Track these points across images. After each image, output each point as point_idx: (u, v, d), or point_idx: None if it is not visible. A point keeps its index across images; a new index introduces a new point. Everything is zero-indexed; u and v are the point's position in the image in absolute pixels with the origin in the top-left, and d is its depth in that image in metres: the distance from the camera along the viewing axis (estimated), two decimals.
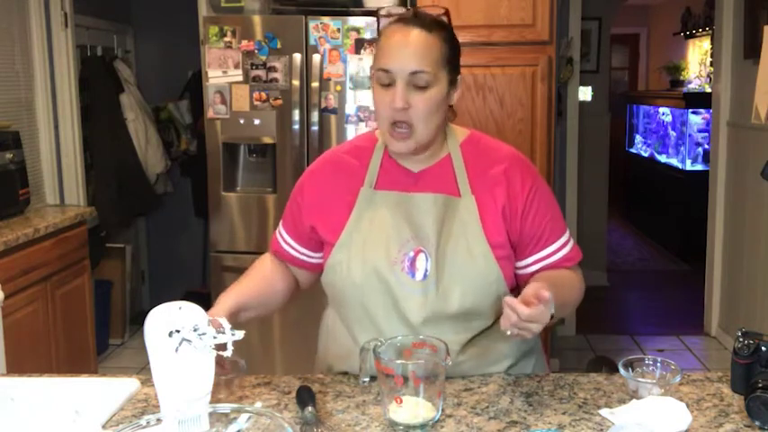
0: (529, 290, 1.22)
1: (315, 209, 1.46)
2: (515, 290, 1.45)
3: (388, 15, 1.41)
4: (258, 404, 0.98)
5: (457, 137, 1.45)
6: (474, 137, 1.47)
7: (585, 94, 5.16)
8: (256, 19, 3.04)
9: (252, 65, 3.03)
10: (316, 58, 2.99)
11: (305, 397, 1.24)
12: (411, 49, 1.32)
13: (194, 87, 4.30)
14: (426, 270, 1.36)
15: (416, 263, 1.36)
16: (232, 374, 1.24)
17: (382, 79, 1.34)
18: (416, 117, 1.33)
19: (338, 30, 2.99)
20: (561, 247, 1.43)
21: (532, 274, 1.42)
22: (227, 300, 1.38)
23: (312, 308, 1.67)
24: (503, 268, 1.38)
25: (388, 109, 1.33)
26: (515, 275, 1.44)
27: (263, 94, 3.04)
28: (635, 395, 1.26)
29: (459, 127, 1.48)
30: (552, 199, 1.47)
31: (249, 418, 0.94)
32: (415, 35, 1.33)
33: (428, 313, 1.36)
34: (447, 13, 1.41)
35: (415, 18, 1.36)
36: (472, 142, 1.45)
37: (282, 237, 1.54)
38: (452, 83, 1.38)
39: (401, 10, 1.42)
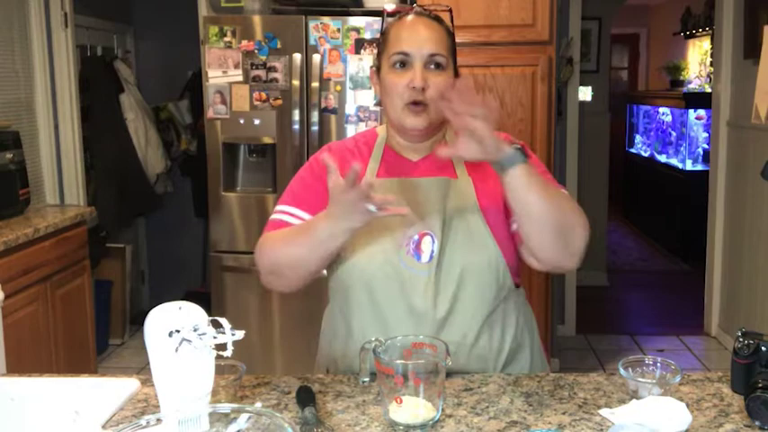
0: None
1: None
2: (518, 275, 1.49)
3: (395, 12, 1.47)
4: (258, 404, 0.98)
5: (452, 127, 1.48)
6: None
7: (585, 94, 5.16)
8: (256, 19, 3.04)
9: (252, 65, 3.03)
10: (316, 58, 2.99)
11: (305, 397, 1.24)
12: (428, 34, 1.40)
13: (194, 87, 4.30)
14: (432, 252, 1.38)
15: (422, 245, 1.39)
16: (231, 378, 1.24)
17: (398, 62, 1.40)
18: (431, 97, 1.38)
19: (338, 30, 2.99)
20: None
21: None
22: None
23: (312, 308, 1.67)
24: (501, 247, 1.40)
25: (405, 90, 1.39)
26: (514, 237, 1.43)
27: (263, 94, 3.04)
28: (635, 395, 1.26)
29: None
30: (543, 165, 1.50)
31: (249, 418, 0.94)
32: (428, 23, 1.42)
33: (433, 295, 1.37)
34: (450, 10, 1.50)
35: (423, 12, 1.45)
36: None
37: (294, 215, 1.45)
38: (456, 74, 1.46)
39: (407, 7, 1.51)
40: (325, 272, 1.49)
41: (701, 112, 6.19)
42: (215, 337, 1.05)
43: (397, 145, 1.49)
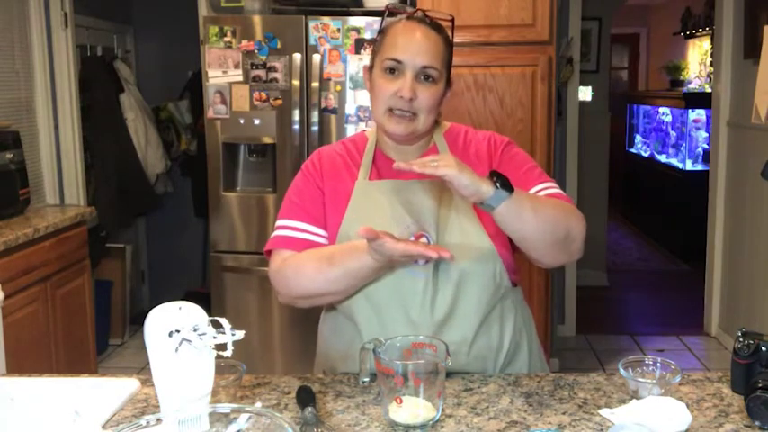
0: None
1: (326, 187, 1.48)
2: (515, 272, 1.48)
3: (396, 12, 1.47)
4: (258, 404, 0.98)
5: (440, 129, 1.53)
6: (455, 127, 1.54)
7: (585, 94, 5.16)
8: (256, 19, 3.04)
9: (252, 65, 3.03)
10: (316, 58, 2.99)
11: (305, 397, 1.24)
12: (424, 45, 1.40)
13: (194, 87, 4.30)
14: None
15: None
16: (231, 378, 1.24)
17: (390, 68, 1.40)
18: (420, 108, 1.40)
19: (338, 30, 2.99)
20: (545, 189, 1.43)
21: None
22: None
23: (312, 308, 1.66)
24: (496, 244, 1.41)
25: (392, 97, 1.39)
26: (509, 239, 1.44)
27: (263, 94, 3.04)
28: (635, 395, 1.26)
29: (441, 121, 1.55)
30: (531, 160, 1.50)
31: (249, 418, 0.94)
32: (427, 32, 1.41)
33: (431, 297, 1.38)
34: (452, 20, 1.49)
35: (424, 18, 1.44)
36: (453, 132, 1.53)
37: (301, 229, 1.45)
38: (448, 84, 1.46)
39: (409, 9, 1.50)
40: None
41: (701, 112, 6.19)
42: (215, 337, 1.05)
43: (387, 148, 1.49)
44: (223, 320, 1.06)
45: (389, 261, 1.31)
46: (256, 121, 3.06)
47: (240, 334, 1.06)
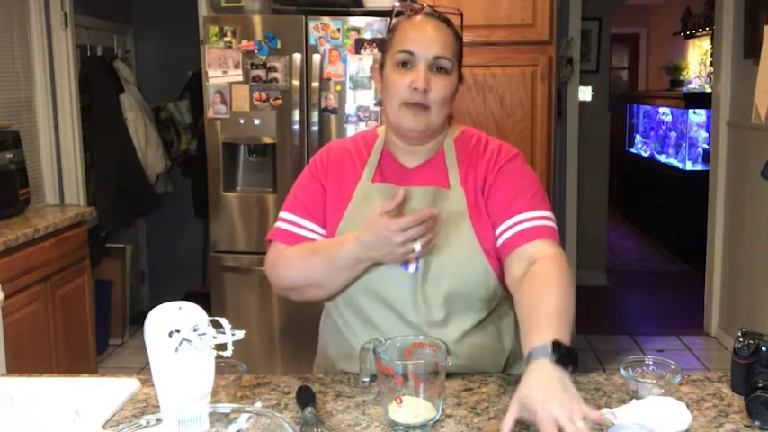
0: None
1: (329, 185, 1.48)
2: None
3: (404, 9, 1.46)
4: (258, 404, 0.98)
5: (452, 133, 1.49)
6: (467, 133, 1.50)
7: (585, 94, 5.16)
8: (256, 19, 3.04)
9: (252, 65, 3.03)
10: (316, 58, 2.99)
11: (305, 397, 1.24)
12: (435, 36, 1.39)
13: (194, 87, 4.30)
14: (418, 261, 1.37)
15: None
16: (231, 378, 1.24)
17: (402, 61, 1.38)
18: (433, 100, 1.37)
19: (338, 30, 2.99)
20: (530, 219, 1.36)
21: (507, 243, 1.36)
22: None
23: (312, 308, 1.67)
24: (490, 259, 1.39)
25: (406, 89, 1.37)
26: (497, 250, 1.39)
27: (263, 94, 3.04)
28: (635, 395, 1.26)
29: (455, 124, 1.52)
30: (533, 179, 1.44)
31: (249, 418, 0.94)
32: (437, 25, 1.41)
33: (418, 305, 1.37)
34: (461, 15, 1.48)
35: (433, 13, 1.43)
36: (465, 138, 1.49)
37: (299, 225, 1.46)
38: (459, 79, 1.44)
39: (416, 6, 1.50)
40: None
41: (701, 112, 6.19)
42: (215, 337, 1.05)
43: (395, 148, 1.47)
44: (223, 320, 1.06)
45: (375, 259, 1.32)
46: (256, 121, 3.06)
47: (240, 334, 1.06)
